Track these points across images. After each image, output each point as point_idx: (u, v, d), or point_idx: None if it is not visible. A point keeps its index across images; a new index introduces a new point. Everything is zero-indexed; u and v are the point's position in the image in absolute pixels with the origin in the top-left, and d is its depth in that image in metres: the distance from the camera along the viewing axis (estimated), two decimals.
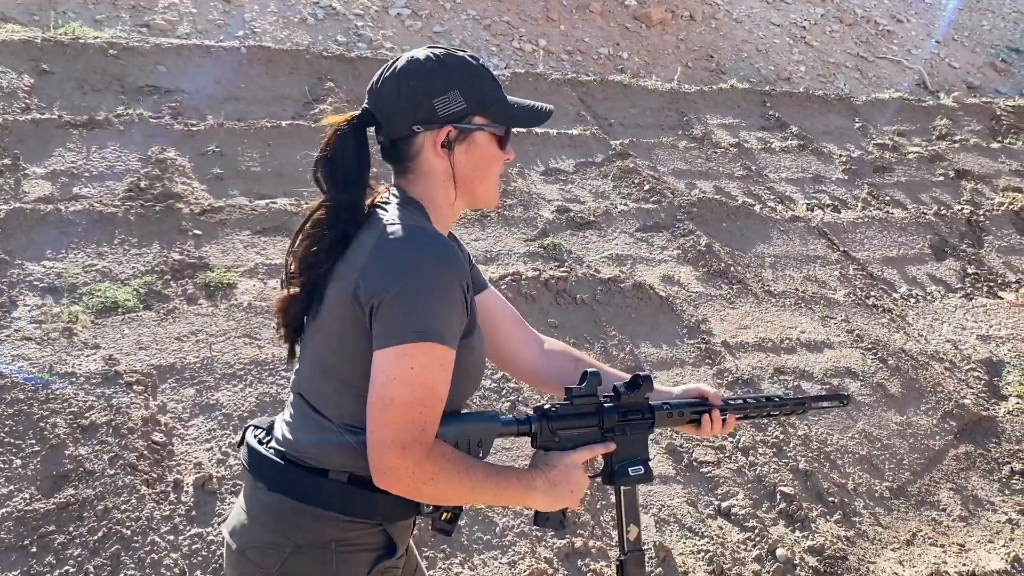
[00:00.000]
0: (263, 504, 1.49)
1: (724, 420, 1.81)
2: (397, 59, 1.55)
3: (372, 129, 1.56)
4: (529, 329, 1.85)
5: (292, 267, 1.55)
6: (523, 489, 1.50)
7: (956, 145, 7.09)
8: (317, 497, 1.45)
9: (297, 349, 1.59)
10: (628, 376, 1.74)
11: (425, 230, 1.46)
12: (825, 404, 2.07)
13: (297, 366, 1.59)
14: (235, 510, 1.57)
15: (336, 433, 1.47)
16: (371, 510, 1.47)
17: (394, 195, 1.55)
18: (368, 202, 1.55)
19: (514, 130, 1.62)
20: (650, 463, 1.70)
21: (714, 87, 7.21)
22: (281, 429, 1.55)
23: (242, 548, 1.50)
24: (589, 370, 1.65)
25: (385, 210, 1.51)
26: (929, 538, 3.47)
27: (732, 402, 1.84)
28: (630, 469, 1.67)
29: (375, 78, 1.56)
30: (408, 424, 1.36)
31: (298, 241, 1.54)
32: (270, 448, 1.53)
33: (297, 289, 1.53)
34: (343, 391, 1.47)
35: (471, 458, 1.46)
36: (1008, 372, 4.59)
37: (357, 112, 1.56)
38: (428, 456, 1.37)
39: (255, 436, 1.57)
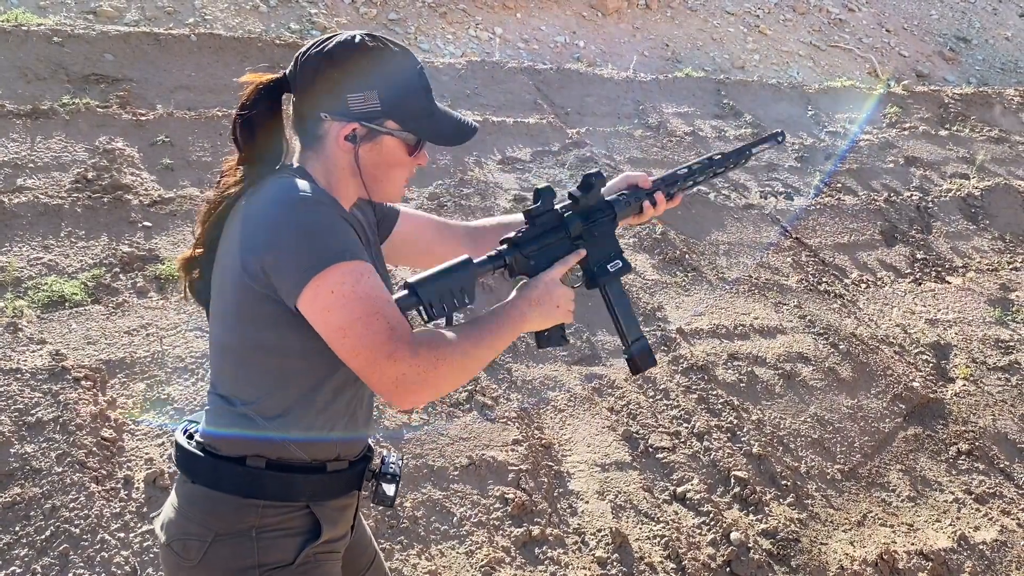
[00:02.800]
0: (186, 496, 1.50)
1: (672, 196, 1.85)
2: (332, 37, 1.52)
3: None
4: (451, 224, 1.85)
5: (198, 230, 1.56)
6: (516, 320, 1.51)
7: (906, 133, 7.22)
8: (234, 484, 1.45)
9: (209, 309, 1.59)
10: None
11: (285, 181, 1.44)
12: (762, 146, 2.02)
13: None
14: (166, 505, 1.57)
15: (246, 420, 1.46)
16: (292, 493, 1.47)
17: (287, 168, 1.53)
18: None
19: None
20: (624, 255, 1.73)
21: (669, 76, 7.25)
22: (204, 421, 1.55)
23: (168, 541, 1.50)
24: (540, 187, 1.65)
25: (267, 180, 1.49)
26: (879, 519, 3.54)
27: (674, 179, 1.87)
28: (608, 266, 1.70)
29: (306, 47, 1.53)
30: (375, 334, 1.33)
31: (206, 205, 1.55)
32: (194, 441, 1.53)
33: (201, 250, 1.55)
34: (246, 368, 1.46)
35: (455, 327, 1.46)
36: (955, 355, 4.69)
37: (277, 76, 1.54)
38: (418, 346, 1.36)
39: (184, 430, 1.57)
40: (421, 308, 1.46)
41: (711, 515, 3.31)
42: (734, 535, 3.21)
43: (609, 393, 3.82)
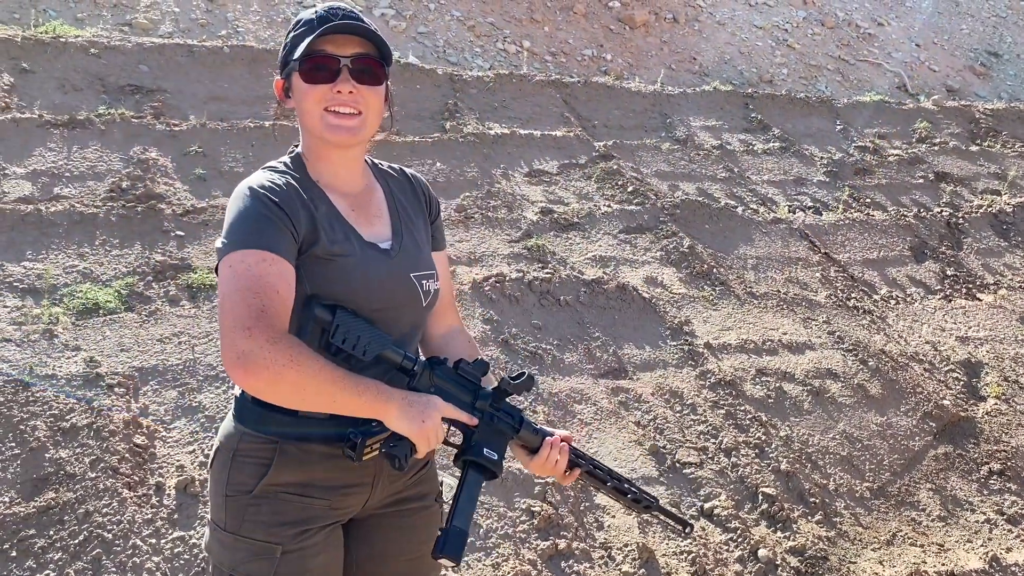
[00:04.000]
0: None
1: (572, 466, 1.79)
2: None
3: None
4: (450, 309, 1.89)
5: None
6: (382, 397, 1.53)
7: (936, 148, 7.16)
8: (235, 412, 1.67)
9: None
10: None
11: (254, 175, 1.61)
12: (666, 519, 1.97)
13: None
14: None
15: None
16: (263, 425, 1.60)
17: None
18: None
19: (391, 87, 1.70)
20: (503, 461, 1.71)
21: (697, 89, 7.24)
22: None
23: None
24: (482, 357, 1.73)
25: None
26: (909, 538, 3.50)
27: (586, 459, 1.82)
28: (485, 450, 1.68)
29: None
30: (245, 307, 1.44)
31: None
32: None
33: None
34: None
35: (331, 363, 1.51)
36: (986, 373, 4.64)
37: None
38: (281, 339, 1.44)
39: None
40: (328, 327, 1.54)
41: (738, 532, 3.28)
42: (762, 552, 3.19)
43: (636, 407, 3.82)
